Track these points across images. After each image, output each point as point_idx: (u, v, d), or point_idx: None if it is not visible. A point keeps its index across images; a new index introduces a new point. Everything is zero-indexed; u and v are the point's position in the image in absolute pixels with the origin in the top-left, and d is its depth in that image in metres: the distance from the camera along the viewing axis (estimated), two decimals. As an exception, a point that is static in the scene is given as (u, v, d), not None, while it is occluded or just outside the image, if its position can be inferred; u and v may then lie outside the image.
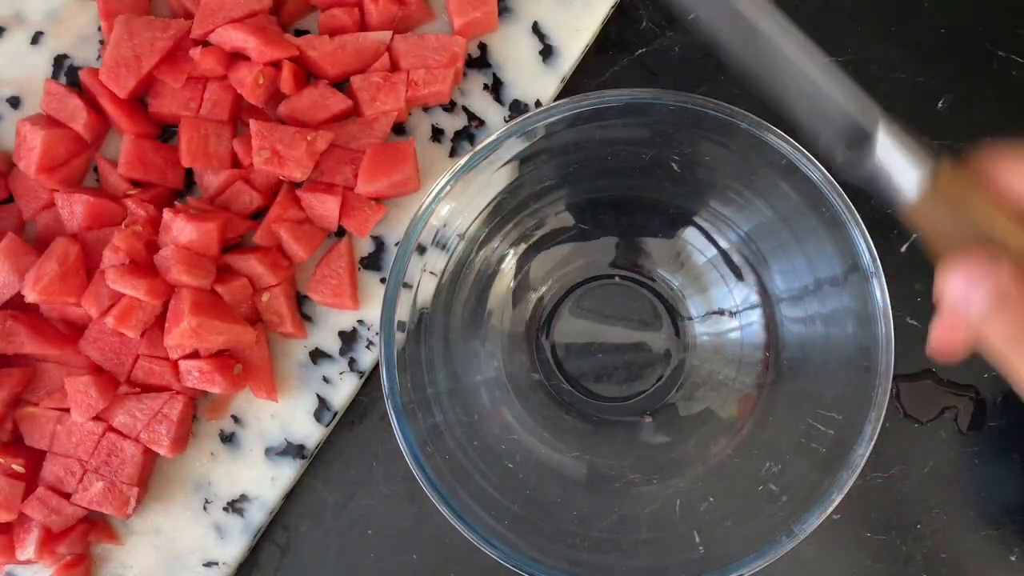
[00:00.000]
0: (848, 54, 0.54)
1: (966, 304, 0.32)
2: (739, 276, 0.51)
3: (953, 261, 0.32)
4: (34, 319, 0.50)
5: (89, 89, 0.52)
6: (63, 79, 0.54)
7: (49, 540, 0.50)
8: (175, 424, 0.50)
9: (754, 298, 0.51)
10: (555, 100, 0.53)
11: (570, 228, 0.53)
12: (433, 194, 0.45)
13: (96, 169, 0.53)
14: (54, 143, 0.51)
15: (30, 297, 0.48)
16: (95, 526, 0.51)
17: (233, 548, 0.53)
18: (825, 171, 0.43)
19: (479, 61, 0.53)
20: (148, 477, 0.52)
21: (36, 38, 0.54)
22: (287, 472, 0.53)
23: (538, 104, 0.53)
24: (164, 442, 0.50)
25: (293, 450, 0.53)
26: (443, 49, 0.51)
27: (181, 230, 0.49)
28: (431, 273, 0.48)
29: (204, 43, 0.51)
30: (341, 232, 0.53)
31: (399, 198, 0.53)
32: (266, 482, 0.53)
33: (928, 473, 0.52)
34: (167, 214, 0.49)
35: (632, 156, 0.49)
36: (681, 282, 0.53)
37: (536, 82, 0.53)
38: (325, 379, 0.53)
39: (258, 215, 0.52)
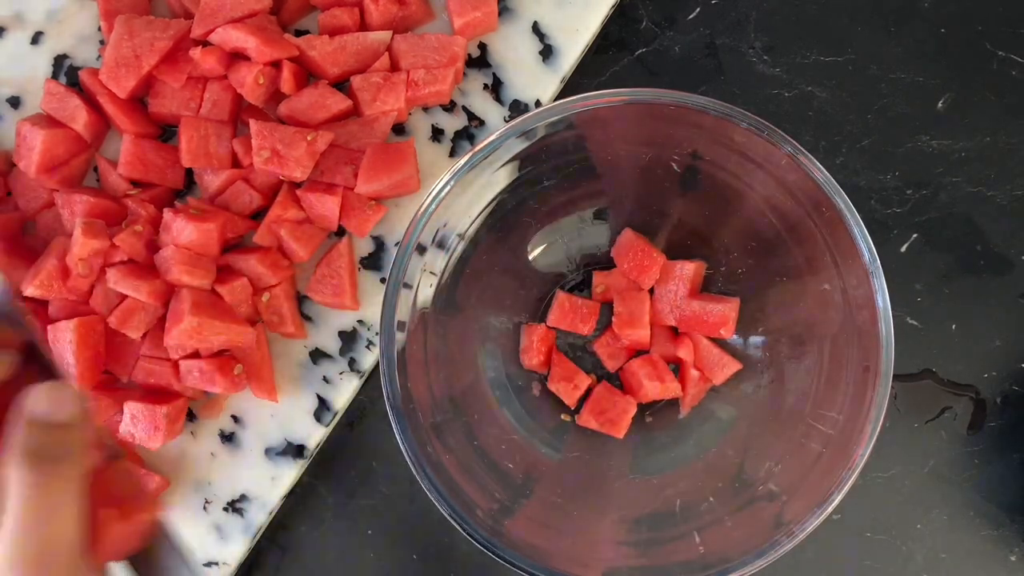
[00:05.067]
0: (848, 54, 0.54)
1: None
2: (739, 275, 0.51)
3: None
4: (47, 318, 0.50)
5: (89, 89, 0.52)
6: (63, 79, 0.54)
7: None
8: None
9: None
10: (555, 100, 0.53)
11: (570, 228, 0.53)
12: (433, 194, 0.45)
13: (96, 169, 0.53)
14: (54, 143, 0.51)
15: (28, 291, 0.48)
16: None
17: (233, 548, 0.53)
18: (825, 171, 0.44)
19: (479, 61, 0.53)
20: None
21: (36, 38, 0.54)
22: (287, 472, 0.53)
23: (538, 104, 0.53)
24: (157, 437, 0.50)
25: (293, 450, 0.53)
26: (443, 49, 0.51)
27: (181, 230, 0.49)
28: (431, 273, 0.48)
29: (204, 43, 0.51)
30: (341, 232, 0.53)
31: (399, 198, 0.53)
32: (266, 482, 0.53)
33: (928, 473, 0.52)
34: (167, 214, 0.49)
35: (632, 156, 0.49)
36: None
37: (536, 82, 0.53)
38: (325, 379, 0.53)
39: (258, 215, 0.52)
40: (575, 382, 0.52)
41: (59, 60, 0.54)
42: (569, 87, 0.54)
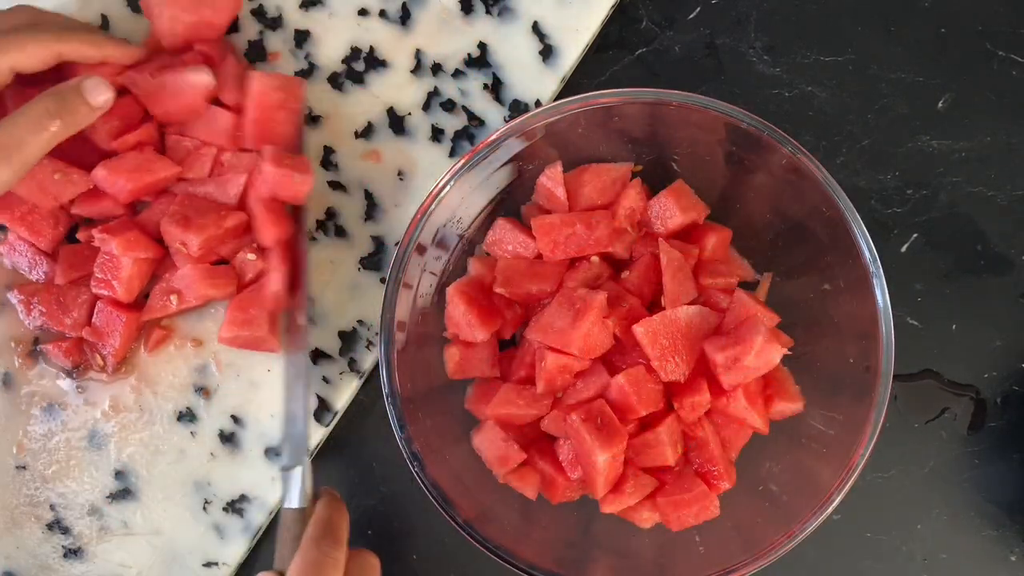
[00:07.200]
0: (848, 54, 0.54)
1: None
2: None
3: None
4: None
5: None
6: (63, 79, 0.54)
7: None
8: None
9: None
10: (555, 100, 0.53)
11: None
12: (433, 194, 0.45)
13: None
14: None
15: None
16: None
17: (233, 548, 0.53)
18: (826, 171, 0.44)
19: (479, 61, 0.53)
20: None
21: (36, 38, 0.54)
22: (287, 472, 0.53)
23: (538, 104, 0.53)
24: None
25: (293, 450, 0.53)
26: None
27: None
28: (431, 273, 0.48)
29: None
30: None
31: (399, 197, 0.53)
32: (266, 482, 0.53)
33: (928, 473, 0.52)
34: None
35: (632, 156, 0.49)
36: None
37: (536, 82, 0.53)
38: (325, 379, 0.53)
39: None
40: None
41: (59, 60, 0.54)
42: (569, 87, 0.54)
